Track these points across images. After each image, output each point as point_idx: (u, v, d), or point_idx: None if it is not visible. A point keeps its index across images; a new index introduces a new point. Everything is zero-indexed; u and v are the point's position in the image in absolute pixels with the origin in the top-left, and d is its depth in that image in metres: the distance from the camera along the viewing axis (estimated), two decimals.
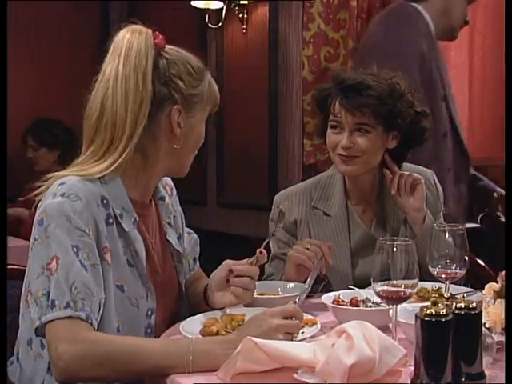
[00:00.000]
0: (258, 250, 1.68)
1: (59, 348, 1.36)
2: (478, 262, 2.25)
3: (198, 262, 1.87)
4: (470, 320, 1.28)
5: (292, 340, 1.41)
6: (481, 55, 3.89)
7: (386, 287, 1.44)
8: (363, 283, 1.91)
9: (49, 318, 1.39)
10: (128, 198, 1.56)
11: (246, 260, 1.69)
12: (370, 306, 1.69)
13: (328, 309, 1.69)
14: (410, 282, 1.43)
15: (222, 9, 3.56)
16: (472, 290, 1.79)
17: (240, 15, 3.51)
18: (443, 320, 1.23)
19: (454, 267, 1.66)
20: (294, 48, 3.32)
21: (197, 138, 1.64)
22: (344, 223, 2.06)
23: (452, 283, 1.64)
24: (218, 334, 1.52)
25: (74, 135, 3.69)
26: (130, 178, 1.57)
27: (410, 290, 1.44)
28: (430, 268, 1.60)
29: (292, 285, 1.89)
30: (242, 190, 3.51)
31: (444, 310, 1.24)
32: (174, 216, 1.78)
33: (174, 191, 1.82)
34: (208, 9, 3.57)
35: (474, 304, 1.30)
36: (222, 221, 3.64)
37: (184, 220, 1.83)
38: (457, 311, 1.27)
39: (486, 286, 1.57)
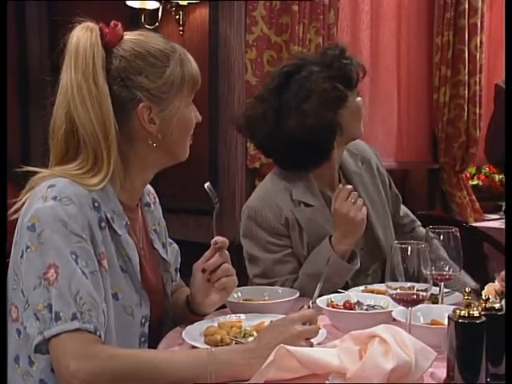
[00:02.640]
0: (213, 241, 1.63)
1: (72, 365, 1.26)
2: None
3: (178, 272, 1.80)
4: (496, 321, 1.31)
5: (312, 346, 1.39)
6: (407, 62, 4.03)
7: (399, 290, 1.46)
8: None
9: (54, 331, 1.29)
10: (118, 201, 1.49)
11: (206, 253, 1.64)
12: (366, 309, 1.70)
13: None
14: (423, 286, 1.45)
15: (158, 9, 3.48)
16: (449, 290, 1.84)
17: (177, 16, 3.44)
18: (477, 322, 1.25)
19: (447, 269, 1.70)
20: (236, 51, 3.29)
21: (182, 126, 1.53)
22: (325, 210, 2.06)
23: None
24: (222, 341, 1.49)
25: None
26: (115, 182, 1.48)
27: (423, 293, 1.46)
28: (422, 270, 1.63)
29: (280, 290, 1.88)
30: (180, 195, 3.45)
31: (477, 312, 1.26)
32: (159, 223, 1.71)
33: (157, 199, 1.74)
34: (144, 9, 3.48)
35: (497, 305, 1.33)
36: None
37: (167, 230, 1.76)
38: (483, 312, 1.30)
39: (486, 287, 1.62)
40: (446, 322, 1.57)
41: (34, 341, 1.32)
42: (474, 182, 4.63)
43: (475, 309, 1.27)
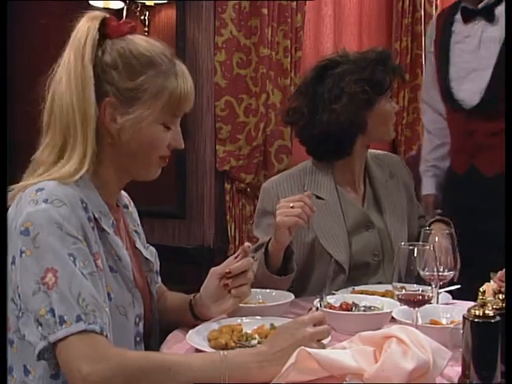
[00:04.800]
0: (246, 244, 1.67)
1: (83, 368, 1.24)
2: None
3: (159, 275, 1.79)
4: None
5: (324, 347, 1.39)
6: None
7: (404, 291, 1.49)
8: (357, 262, 2.07)
9: (60, 335, 1.26)
10: (103, 201, 1.47)
11: (231, 258, 1.67)
12: (364, 310, 1.72)
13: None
14: (428, 287, 1.48)
15: (122, 9, 3.42)
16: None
17: (142, 17, 3.39)
18: (492, 321, 1.28)
19: (443, 270, 1.73)
20: (204, 53, 3.25)
21: (144, 141, 1.47)
22: (337, 205, 2.12)
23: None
24: (227, 345, 1.49)
25: None
26: (92, 178, 1.45)
27: (429, 294, 1.49)
28: (419, 270, 1.65)
29: (273, 293, 1.88)
30: (146, 198, 3.38)
31: (492, 312, 1.29)
32: (138, 225, 1.70)
33: (132, 203, 1.72)
34: (107, 8, 3.41)
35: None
36: None
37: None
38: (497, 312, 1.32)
39: (483, 287, 1.65)
40: (444, 321, 1.64)
41: (36, 347, 1.29)
42: None
43: (490, 308, 1.30)
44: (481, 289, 1.32)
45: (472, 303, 1.87)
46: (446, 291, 1.92)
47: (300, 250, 2.07)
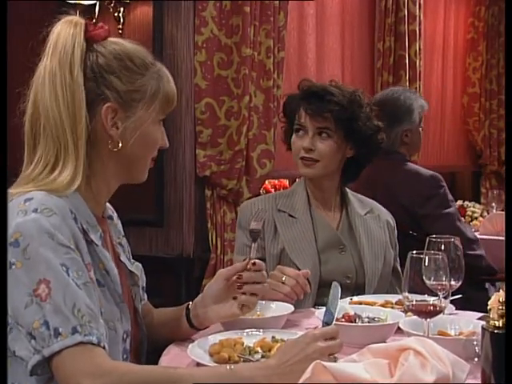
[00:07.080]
0: (251, 262, 1.62)
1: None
2: None
3: (145, 292, 1.70)
4: None
5: (336, 361, 1.32)
6: (350, 67, 4.02)
7: (415, 302, 1.43)
8: (328, 281, 1.93)
9: (55, 348, 1.22)
10: (90, 212, 1.41)
11: (238, 264, 1.63)
12: (368, 322, 1.64)
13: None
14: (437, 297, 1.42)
15: (94, 5, 3.27)
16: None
17: (116, 13, 3.24)
18: None
19: (448, 279, 1.63)
20: (183, 52, 3.11)
21: (146, 142, 1.48)
22: (309, 225, 2.12)
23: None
24: (230, 359, 1.45)
25: None
26: (81, 190, 1.40)
27: (441, 304, 1.43)
28: (424, 280, 1.56)
29: (272, 304, 1.81)
30: (120, 204, 3.22)
31: None
32: (123, 236, 1.64)
33: (115, 214, 1.66)
34: (79, 4, 3.25)
35: None
36: None
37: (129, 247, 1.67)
38: None
39: (493, 297, 1.56)
40: (452, 332, 1.57)
41: (29, 362, 1.24)
42: None
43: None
44: (499, 299, 1.23)
45: (474, 313, 1.81)
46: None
47: (269, 261, 2.07)
